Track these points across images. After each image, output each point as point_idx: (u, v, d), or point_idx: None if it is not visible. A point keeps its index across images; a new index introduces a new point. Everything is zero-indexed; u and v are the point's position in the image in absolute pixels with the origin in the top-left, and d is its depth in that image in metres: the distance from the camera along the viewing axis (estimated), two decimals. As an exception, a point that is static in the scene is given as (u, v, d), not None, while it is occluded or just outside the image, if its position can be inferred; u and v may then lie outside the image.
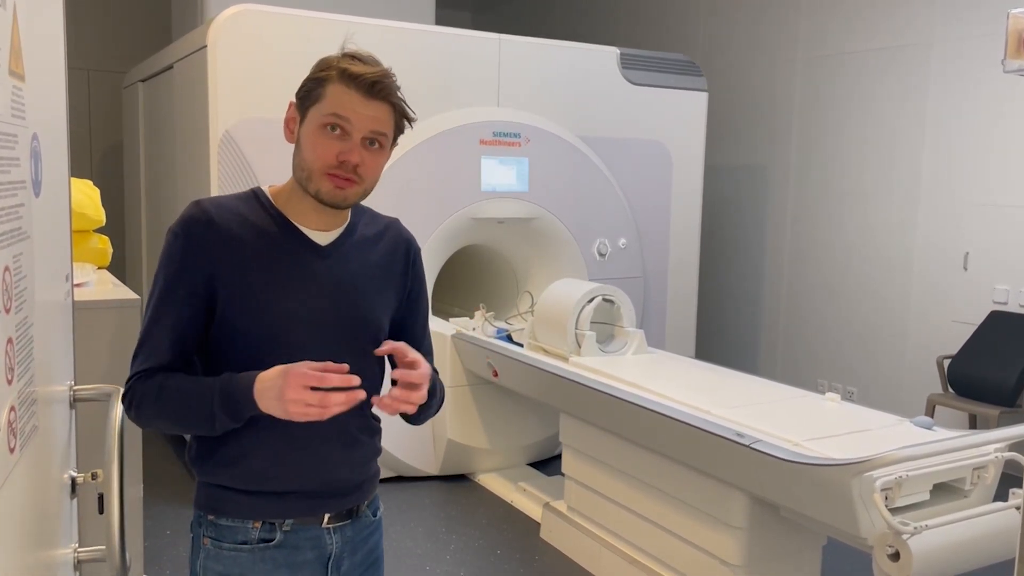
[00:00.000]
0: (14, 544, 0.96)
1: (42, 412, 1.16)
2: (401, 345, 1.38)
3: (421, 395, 1.35)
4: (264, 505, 1.41)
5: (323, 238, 1.44)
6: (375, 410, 1.43)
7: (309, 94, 1.39)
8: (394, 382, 1.37)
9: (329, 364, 1.27)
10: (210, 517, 1.43)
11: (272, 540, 1.41)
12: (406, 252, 1.56)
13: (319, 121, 1.36)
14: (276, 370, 1.29)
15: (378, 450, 1.55)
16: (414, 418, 1.53)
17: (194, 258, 1.36)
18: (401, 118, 1.43)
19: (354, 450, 1.47)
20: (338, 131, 1.36)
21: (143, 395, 1.35)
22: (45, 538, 1.17)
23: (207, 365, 1.41)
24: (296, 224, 1.43)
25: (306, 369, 1.25)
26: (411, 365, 1.36)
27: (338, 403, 1.25)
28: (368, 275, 1.48)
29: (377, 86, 1.36)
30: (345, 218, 1.48)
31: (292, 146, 1.44)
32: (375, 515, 1.56)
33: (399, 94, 1.41)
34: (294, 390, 1.24)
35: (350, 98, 1.35)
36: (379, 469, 1.57)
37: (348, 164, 1.36)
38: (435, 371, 1.59)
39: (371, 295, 1.48)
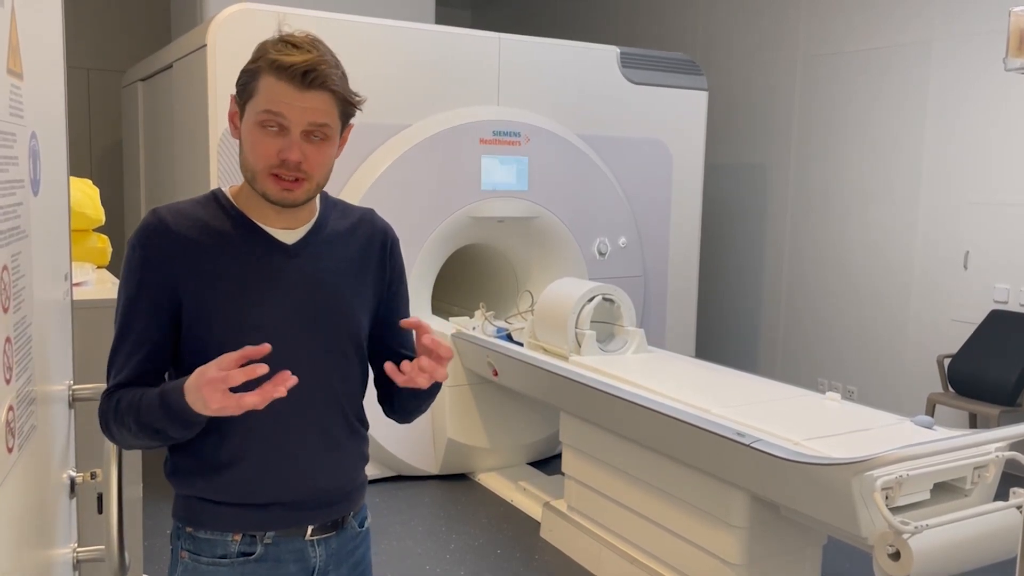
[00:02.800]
0: (13, 543, 0.96)
1: (41, 411, 1.16)
2: (417, 321, 1.30)
3: (443, 372, 1.29)
4: (244, 517, 1.34)
5: (290, 236, 1.36)
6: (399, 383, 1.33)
7: (244, 88, 1.30)
8: (398, 364, 1.32)
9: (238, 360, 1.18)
10: (188, 529, 1.36)
11: (252, 553, 1.34)
12: (383, 243, 1.47)
13: (254, 119, 1.27)
14: (198, 370, 1.21)
15: (365, 456, 1.47)
16: (407, 414, 1.50)
17: (154, 270, 1.29)
18: (345, 104, 1.31)
19: (339, 456, 1.39)
20: (275, 128, 1.26)
21: (107, 414, 1.30)
22: (44, 537, 1.17)
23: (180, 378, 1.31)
24: (259, 224, 1.35)
25: (214, 371, 1.17)
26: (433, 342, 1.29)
27: (252, 402, 1.16)
28: (342, 271, 1.39)
29: (310, 75, 1.25)
30: (312, 214, 1.39)
31: None
32: (362, 526, 1.48)
33: (338, 79, 1.29)
34: (209, 373, 1.16)
35: (282, 91, 1.25)
36: (366, 478, 1.50)
37: (289, 163, 1.26)
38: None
39: (346, 292, 1.40)
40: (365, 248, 1.44)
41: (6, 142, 0.95)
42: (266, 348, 1.19)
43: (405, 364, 1.30)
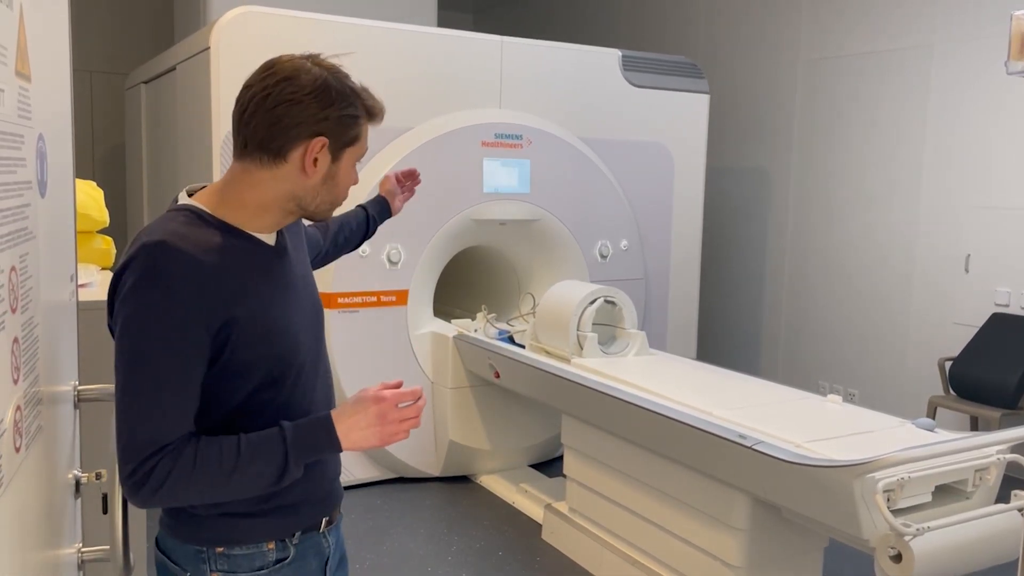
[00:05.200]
0: (19, 543, 0.96)
1: (47, 412, 1.17)
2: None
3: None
4: (277, 523, 1.37)
5: (270, 239, 1.39)
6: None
7: (346, 132, 1.33)
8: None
9: (394, 388, 1.33)
10: (219, 550, 1.34)
11: (286, 558, 1.38)
12: (300, 226, 1.57)
13: (354, 159, 1.37)
14: (352, 405, 1.31)
15: None
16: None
17: (194, 307, 1.22)
18: None
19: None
20: None
21: (180, 470, 1.20)
22: (50, 537, 1.17)
23: (204, 411, 1.28)
24: (251, 233, 1.35)
25: (386, 392, 1.31)
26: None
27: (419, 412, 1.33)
28: (306, 262, 1.50)
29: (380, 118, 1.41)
30: None
31: None
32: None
33: None
34: (394, 412, 1.29)
35: (369, 133, 1.40)
36: None
37: None
38: None
39: (314, 280, 1.51)
40: (298, 234, 1.53)
41: (14, 144, 0.96)
42: (400, 382, 1.36)
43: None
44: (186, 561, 1.34)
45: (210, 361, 1.25)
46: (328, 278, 3.90)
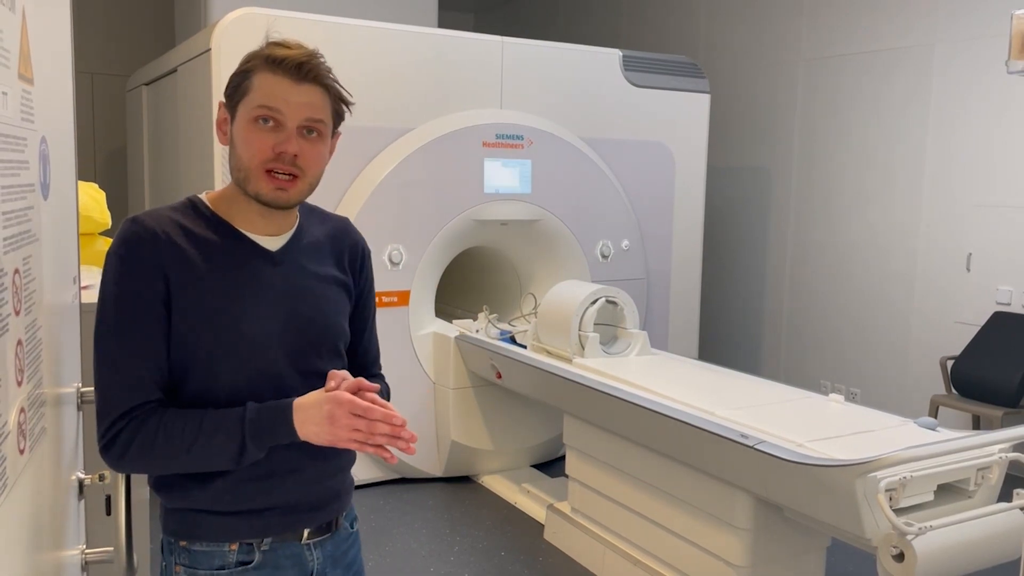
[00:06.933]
0: (23, 545, 0.97)
1: (50, 413, 1.17)
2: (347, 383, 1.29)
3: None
4: (241, 525, 1.32)
5: (273, 243, 1.35)
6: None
7: (236, 89, 1.30)
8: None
9: (375, 399, 1.25)
10: (182, 543, 1.33)
11: (251, 562, 1.33)
12: (358, 254, 1.49)
13: (249, 115, 1.27)
14: (316, 396, 1.25)
15: (352, 459, 1.48)
16: None
17: (148, 279, 1.24)
18: (337, 102, 1.33)
19: (329, 459, 1.39)
20: (271, 123, 1.26)
21: (144, 437, 1.23)
22: (54, 539, 1.18)
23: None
24: (243, 231, 1.33)
25: (344, 397, 1.23)
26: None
27: (383, 433, 1.23)
28: (324, 279, 1.40)
29: (305, 67, 1.27)
30: (294, 220, 1.39)
31: None
32: (352, 527, 1.49)
33: (331, 75, 1.32)
34: (347, 416, 1.22)
35: (279, 85, 1.26)
36: (353, 479, 1.51)
37: (286, 156, 1.26)
38: (381, 376, 1.55)
39: (328, 300, 1.40)
40: (341, 257, 1.45)
41: (17, 146, 0.96)
42: (388, 406, 1.24)
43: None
44: (166, 550, 1.37)
45: (169, 345, 1.27)
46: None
